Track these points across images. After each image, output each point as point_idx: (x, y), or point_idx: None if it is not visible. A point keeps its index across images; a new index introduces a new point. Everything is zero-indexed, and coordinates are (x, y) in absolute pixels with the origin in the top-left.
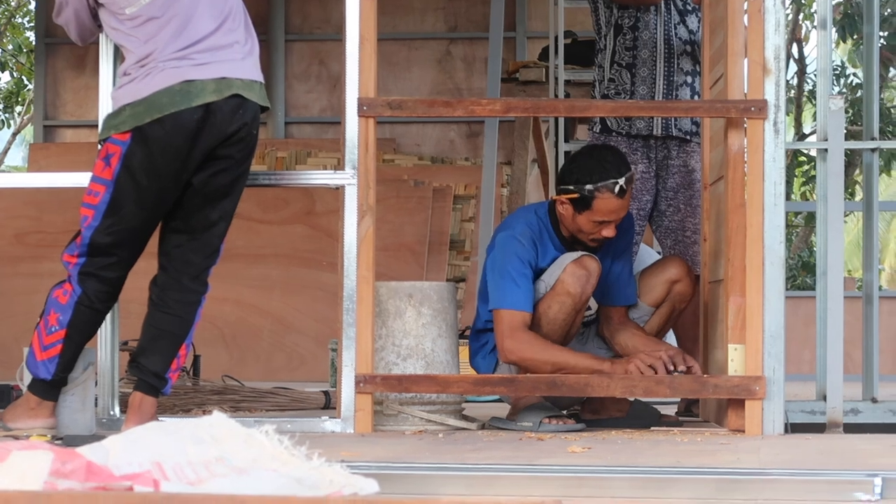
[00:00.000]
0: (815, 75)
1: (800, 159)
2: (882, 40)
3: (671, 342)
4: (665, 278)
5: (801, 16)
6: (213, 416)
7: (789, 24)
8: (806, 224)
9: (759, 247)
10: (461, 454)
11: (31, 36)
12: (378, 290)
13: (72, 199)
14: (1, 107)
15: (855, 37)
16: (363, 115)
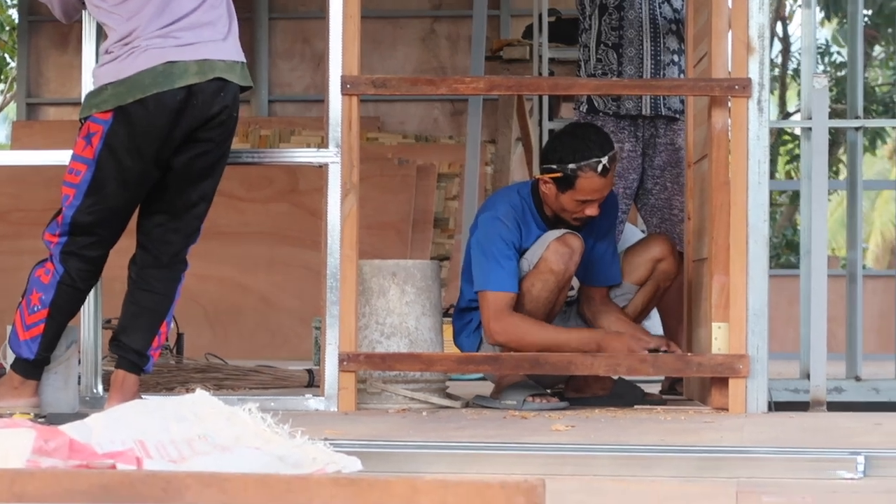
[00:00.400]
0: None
1: (784, 138)
2: (866, 19)
3: (656, 321)
4: (649, 257)
5: None
6: (196, 394)
7: (773, 2)
8: (790, 203)
9: (743, 225)
10: (445, 432)
11: (14, 14)
12: (362, 269)
13: (54, 178)
14: None
15: (839, 15)
16: (347, 94)
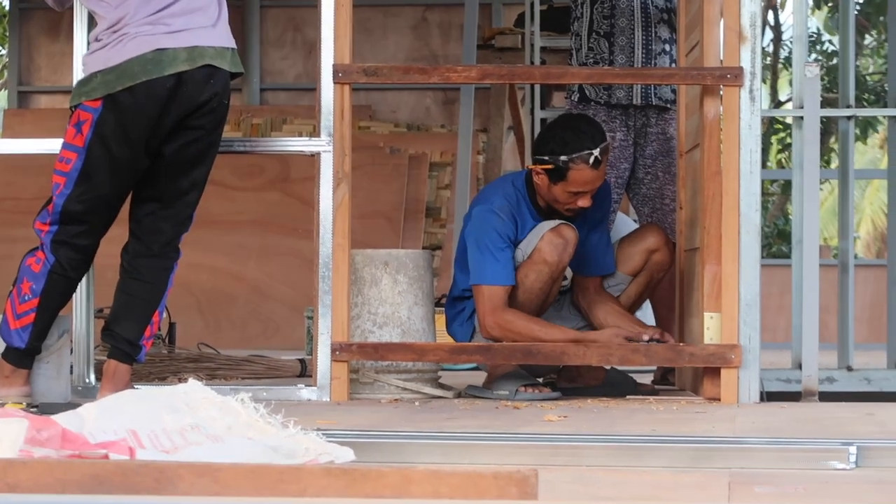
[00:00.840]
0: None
1: (776, 127)
2: (858, 7)
3: (647, 311)
4: (643, 247)
5: None
6: (188, 384)
7: None
8: (782, 192)
9: (735, 215)
10: (437, 422)
11: (5, 1)
12: (354, 258)
13: (45, 166)
14: None
15: (830, 4)
16: (338, 82)
